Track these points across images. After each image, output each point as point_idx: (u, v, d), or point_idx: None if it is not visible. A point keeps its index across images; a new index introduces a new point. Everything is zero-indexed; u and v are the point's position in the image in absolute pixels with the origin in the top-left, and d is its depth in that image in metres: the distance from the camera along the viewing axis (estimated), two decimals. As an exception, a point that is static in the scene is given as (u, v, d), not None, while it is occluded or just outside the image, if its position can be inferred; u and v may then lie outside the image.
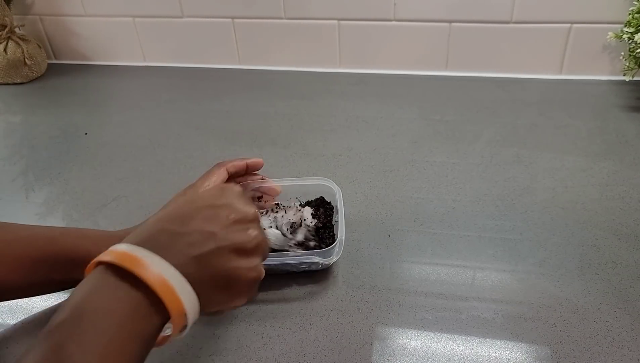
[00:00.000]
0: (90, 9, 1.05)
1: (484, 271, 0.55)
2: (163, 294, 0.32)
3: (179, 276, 0.33)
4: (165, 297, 0.32)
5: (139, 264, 0.32)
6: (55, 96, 1.00)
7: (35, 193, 0.72)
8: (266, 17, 0.98)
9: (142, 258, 0.33)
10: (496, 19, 0.91)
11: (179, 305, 0.33)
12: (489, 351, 0.47)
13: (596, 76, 0.93)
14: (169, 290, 0.32)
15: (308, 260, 0.52)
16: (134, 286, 0.32)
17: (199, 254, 0.35)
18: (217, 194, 0.39)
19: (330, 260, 0.53)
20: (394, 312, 0.51)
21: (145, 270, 0.32)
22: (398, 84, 0.96)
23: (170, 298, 0.32)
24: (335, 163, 0.74)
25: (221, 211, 0.37)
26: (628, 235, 0.59)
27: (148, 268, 0.32)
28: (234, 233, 0.37)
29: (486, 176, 0.70)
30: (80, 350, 0.29)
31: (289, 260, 0.52)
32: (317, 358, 0.47)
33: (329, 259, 0.53)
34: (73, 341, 0.29)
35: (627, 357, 0.46)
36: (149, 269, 0.32)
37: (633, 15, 0.80)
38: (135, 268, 0.32)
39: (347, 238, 0.60)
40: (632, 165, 0.70)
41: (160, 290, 0.32)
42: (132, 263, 0.32)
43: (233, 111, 0.90)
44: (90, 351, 0.29)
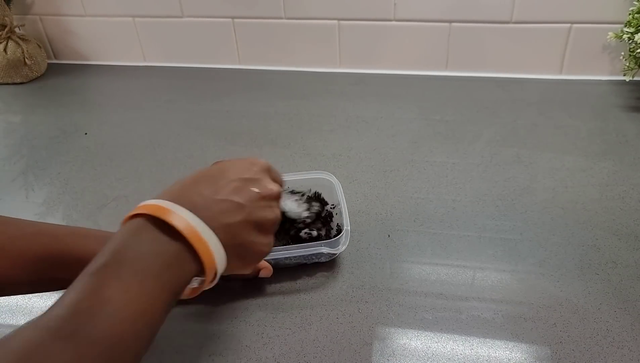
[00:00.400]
0: (90, 9, 1.05)
1: (484, 271, 0.55)
2: (196, 245, 0.34)
3: (209, 231, 0.35)
4: (197, 246, 0.34)
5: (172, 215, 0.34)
6: (55, 95, 1.00)
7: (35, 193, 0.72)
8: (266, 17, 0.98)
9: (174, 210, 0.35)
10: (496, 19, 0.91)
11: (211, 258, 0.35)
12: (489, 351, 0.47)
13: (596, 76, 0.93)
14: (200, 240, 0.35)
15: (316, 251, 0.53)
16: (170, 238, 0.34)
17: (228, 222, 0.37)
18: (247, 167, 0.41)
19: (338, 250, 0.54)
20: (394, 312, 0.51)
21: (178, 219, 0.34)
22: (398, 84, 0.96)
23: (202, 247, 0.35)
24: (335, 163, 0.74)
25: (250, 184, 0.40)
26: (628, 235, 0.59)
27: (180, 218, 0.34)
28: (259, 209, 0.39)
29: (486, 176, 0.70)
30: (120, 292, 0.31)
31: (298, 252, 0.54)
32: (317, 358, 0.47)
33: (337, 249, 0.54)
34: (113, 284, 0.31)
35: (627, 357, 0.46)
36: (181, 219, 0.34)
37: (633, 15, 0.80)
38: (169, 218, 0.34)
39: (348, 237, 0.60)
40: (632, 165, 0.70)
41: (193, 240, 0.34)
42: (166, 214, 0.34)
43: (233, 111, 0.90)
44: (128, 295, 0.31)
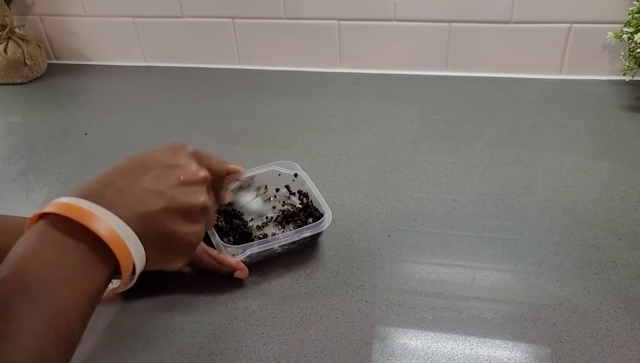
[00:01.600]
0: (90, 9, 1.05)
1: (484, 271, 0.55)
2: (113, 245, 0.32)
3: (127, 228, 0.33)
4: (116, 248, 0.32)
5: (86, 215, 0.31)
6: (55, 96, 1.00)
7: (35, 193, 0.72)
8: (266, 17, 0.98)
9: (89, 209, 0.32)
10: (496, 19, 0.91)
11: (128, 256, 0.33)
12: (489, 351, 0.47)
13: (596, 76, 0.93)
14: (119, 242, 0.32)
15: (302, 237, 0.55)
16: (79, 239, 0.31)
17: (146, 212, 0.34)
18: (169, 153, 0.39)
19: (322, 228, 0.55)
20: (394, 312, 0.51)
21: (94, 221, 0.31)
22: (398, 84, 0.96)
23: (120, 249, 0.32)
24: (335, 163, 0.74)
25: (171, 171, 0.37)
26: (628, 235, 0.59)
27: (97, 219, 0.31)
28: (182, 194, 0.36)
29: (486, 176, 0.70)
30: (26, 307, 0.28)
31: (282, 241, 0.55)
32: (317, 358, 0.47)
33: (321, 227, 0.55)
34: (18, 300, 0.28)
35: (627, 357, 0.46)
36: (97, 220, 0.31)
37: (633, 15, 0.80)
38: (83, 220, 0.31)
39: (348, 238, 0.60)
40: (632, 165, 0.70)
41: (110, 241, 0.32)
42: (79, 215, 0.31)
43: (233, 111, 0.90)
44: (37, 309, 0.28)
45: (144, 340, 0.50)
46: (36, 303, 0.29)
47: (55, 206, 0.32)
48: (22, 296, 0.28)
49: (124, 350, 0.49)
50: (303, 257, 0.58)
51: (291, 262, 0.58)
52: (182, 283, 0.56)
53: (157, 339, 0.50)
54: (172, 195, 0.36)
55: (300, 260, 0.58)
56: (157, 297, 0.54)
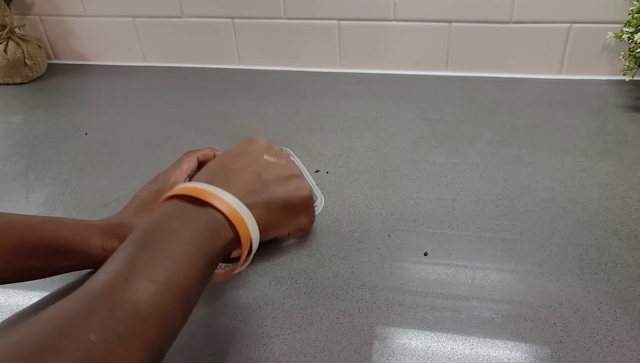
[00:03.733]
0: (90, 9, 1.05)
1: (484, 271, 0.55)
2: (233, 219, 0.37)
3: (241, 205, 0.39)
4: (235, 221, 0.37)
5: (209, 195, 0.38)
6: (55, 96, 1.00)
7: (35, 193, 0.72)
8: (266, 17, 0.98)
9: (210, 190, 0.38)
10: (496, 19, 0.91)
11: (245, 229, 0.38)
12: (489, 351, 0.47)
13: (596, 76, 0.93)
14: (237, 216, 0.38)
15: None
16: (199, 213, 0.37)
17: (251, 189, 0.41)
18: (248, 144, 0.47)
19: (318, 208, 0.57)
20: (394, 312, 0.51)
21: (215, 199, 0.37)
22: (398, 84, 0.96)
23: (238, 222, 0.38)
24: (335, 163, 0.74)
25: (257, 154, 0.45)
26: (628, 235, 0.59)
27: (217, 197, 0.38)
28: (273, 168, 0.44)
29: (486, 176, 0.70)
30: (149, 259, 0.33)
31: None
32: (317, 358, 0.47)
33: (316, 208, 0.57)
34: (143, 252, 0.33)
35: (627, 356, 0.46)
36: (218, 199, 0.38)
37: (633, 15, 0.80)
38: (205, 197, 0.37)
39: (348, 238, 0.60)
40: (632, 165, 0.70)
41: (230, 215, 0.37)
42: (203, 195, 0.37)
43: (233, 111, 0.90)
44: (157, 261, 0.33)
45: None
46: (159, 256, 0.33)
47: (180, 189, 0.38)
48: (147, 250, 0.33)
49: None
50: (303, 257, 0.58)
51: (291, 262, 0.58)
52: (182, 283, 0.56)
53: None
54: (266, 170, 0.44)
55: (300, 259, 0.58)
56: (157, 297, 0.54)
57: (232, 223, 0.37)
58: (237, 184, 0.40)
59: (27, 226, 0.48)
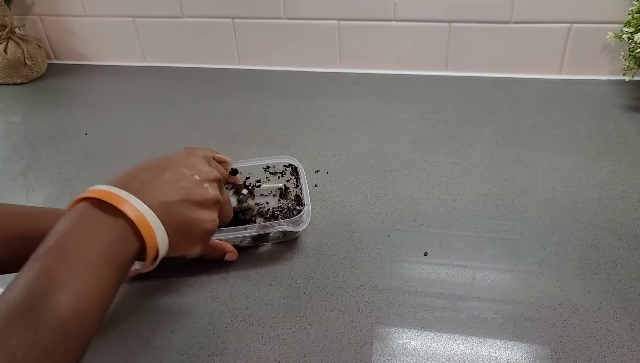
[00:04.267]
0: (90, 9, 1.05)
1: (483, 271, 0.55)
2: (141, 227, 0.37)
3: (152, 214, 0.38)
4: (143, 229, 0.37)
5: (119, 200, 0.37)
6: (55, 96, 1.00)
7: (35, 193, 0.72)
8: (266, 17, 0.98)
9: (121, 195, 0.37)
10: (496, 19, 0.91)
11: (153, 238, 0.38)
12: (489, 351, 0.47)
13: (596, 76, 0.93)
14: (146, 224, 0.37)
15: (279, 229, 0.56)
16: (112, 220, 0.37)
17: (167, 201, 0.40)
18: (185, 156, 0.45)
19: (299, 227, 0.56)
20: (394, 312, 0.51)
21: (125, 205, 0.37)
22: (398, 84, 0.96)
23: (146, 231, 0.37)
24: (335, 163, 0.74)
25: (188, 170, 0.43)
26: (628, 235, 0.59)
27: (128, 204, 0.37)
28: (197, 189, 0.43)
29: (486, 176, 0.70)
30: (67, 271, 0.33)
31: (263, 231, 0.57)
32: (317, 358, 0.47)
33: (298, 227, 0.56)
34: (60, 264, 0.33)
35: (627, 356, 0.46)
36: (128, 205, 0.37)
37: (633, 15, 0.80)
38: (116, 203, 0.37)
39: (348, 238, 0.60)
40: (632, 165, 0.70)
41: (138, 223, 0.37)
42: (113, 199, 0.37)
43: (233, 111, 0.90)
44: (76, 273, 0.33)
45: (144, 340, 0.50)
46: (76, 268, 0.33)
47: (92, 192, 0.38)
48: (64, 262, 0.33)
49: (124, 350, 0.49)
50: (303, 257, 0.58)
51: (291, 262, 0.58)
52: (182, 283, 0.56)
53: (157, 339, 0.50)
54: (189, 189, 0.42)
55: (300, 259, 0.58)
56: (157, 297, 0.54)
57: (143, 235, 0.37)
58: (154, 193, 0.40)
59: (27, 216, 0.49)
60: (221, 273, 0.57)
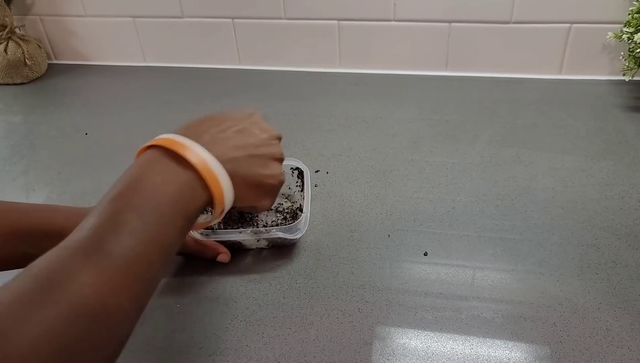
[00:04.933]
0: (90, 9, 1.05)
1: (483, 271, 0.55)
2: (207, 177, 0.37)
3: (219, 166, 0.38)
4: (209, 180, 0.37)
5: (185, 149, 0.37)
6: (55, 96, 1.00)
7: (35, 193, 0.72)
8: (266, 17, 0.98)
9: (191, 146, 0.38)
10: (496, 19, 0.91)
11: (219, 190, 0.38)
12: (489, 351, 0.47)
13: (596, 76, 0.93)
14: (212, 175, 0.38)
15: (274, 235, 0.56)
16: (182, 169, 0.37)
17: (236, 156, 0.41)
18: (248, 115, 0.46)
19: (295, 235, 0.56)
20: (394, 312, 0.51)
21: (192, 154, 0.37)
22: (398, 84, 0.96)
23: (213, 182, 0.38)
24: (335, 162, 0.74)
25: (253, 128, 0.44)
26: (628, 235, 0.59)
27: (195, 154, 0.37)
28: (264, 146, 0.44)
29: (486, 176, 0.70)
30: (137, 217, 0.33)
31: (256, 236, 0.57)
32: (317, 358, 0.47)
33: (294, 234, 0.56)
34: (131, 210, 0.33)
35: (627, 356, 0.46)
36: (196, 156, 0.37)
37: (633, 15, 0.80)
38: (183, 151, 0.37)
39: (348, 238, 0.61)
40: (632, 165, 0.70)
41: (205, 173, 0.37)
42: (179, 148, 0.37)
43: (233, 111, 0.90)
44: (145, 220, 0.33)
45: (144, 340, 0.50)
46: (145, 216, 0.34)
47: (162, 140, 0.38)
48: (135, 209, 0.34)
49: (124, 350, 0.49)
50: (303, 257, 0.58)
51: (291, 262, 0.58)
52: (182, 283, 0.56)
53: (157, 339, 0.50)
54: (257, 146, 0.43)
55: (300, 259, 0.58)
56: (157, 297, 0.54)
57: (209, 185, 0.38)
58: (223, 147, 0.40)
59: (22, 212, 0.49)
60: (221, 273, 0.57)
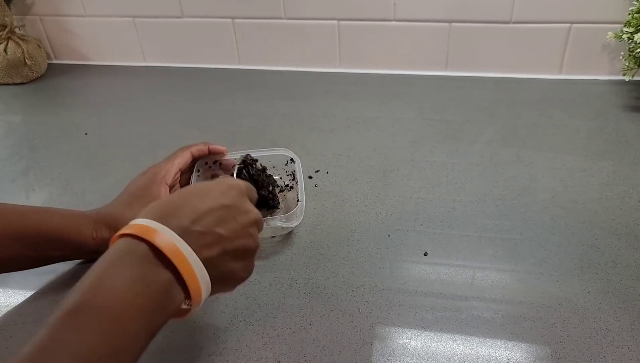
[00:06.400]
0: (90, 9, 1.05)
1: (484, 271, 0.55)
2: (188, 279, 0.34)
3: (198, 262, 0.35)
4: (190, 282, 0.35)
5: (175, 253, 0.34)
6: (55, 96, 1.00)
7: (35, 193, 0.72)
8: (266, 17, 0.98)
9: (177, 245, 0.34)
10: (496, 19, 0.91)
11: (198, 288, 0.35)
12: (489, 351, 0.47)
13: (596, 76, 0.93)
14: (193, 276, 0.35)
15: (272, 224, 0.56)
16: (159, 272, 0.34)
17: (209, 256, 0.37)
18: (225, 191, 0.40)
19: (292, 223, 0.57)
20: (394, 312, 0.51)
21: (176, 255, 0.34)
22: (398, 84, 0.96)
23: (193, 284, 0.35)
24: (335, 163, 0.74)
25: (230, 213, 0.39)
26: (628, 235, 0.59)
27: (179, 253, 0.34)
28: (239, 238, 0.39)
29: (486, 176, 0.70)
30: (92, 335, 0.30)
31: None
32: (317, 358, 0.47)
33: (291, 222, 0.56)
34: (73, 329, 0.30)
35: (627, 356, 0.46)
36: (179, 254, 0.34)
37: (633, 15, 0.80)
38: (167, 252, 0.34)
39: (348, 238, 0.61)
40: (632, 165, 0.70)
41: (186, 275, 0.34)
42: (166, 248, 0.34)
43: (233, 111, 0.90)
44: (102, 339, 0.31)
45: (144, 340, 0.50)
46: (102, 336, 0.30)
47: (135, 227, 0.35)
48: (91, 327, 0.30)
49: (124, 350, 0.49)
50: (303, 257, 0.58)
51: (291, 262, 0.58)
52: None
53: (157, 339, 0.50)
54: (232, 239, 0.39)
55: (300, 259, 0.58)
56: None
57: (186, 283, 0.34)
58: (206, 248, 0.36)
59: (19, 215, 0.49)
60: (221, 273, 0.57)
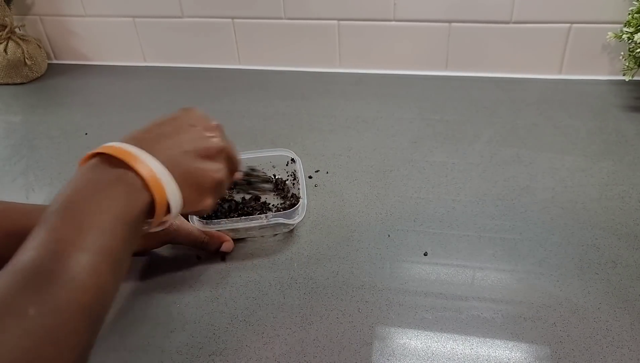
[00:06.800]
0: (90, 9, 1.05)
1: (483, 271, 0.55)
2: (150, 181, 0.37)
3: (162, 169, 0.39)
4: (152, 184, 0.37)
5: (134, 159, 0.38)
6: (55, 96, 1.00)
7: (35, 193, 0.72)
8: (266, 17, 0.98)
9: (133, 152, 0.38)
10: (496, 19, 0.91)
11: (162, 192, 0.38)
12: (489, 351, 0.47)
13: (596, 76, 0.93)
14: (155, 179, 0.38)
15: (274, 221, 0.57)
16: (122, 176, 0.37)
17: (173, 154, 0.41)
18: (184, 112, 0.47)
19: (294, 220, 0.58)
20: (394, 312, 0.51)
21: (137, 162, 0.37)
22: (398, 84, 0.96)
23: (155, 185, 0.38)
24: (335, 163, 0.74)
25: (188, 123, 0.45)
26: (628, 235, 0.59)
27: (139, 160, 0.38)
28: (199, 140, 0.43)
29: (486, 176, 0.70)
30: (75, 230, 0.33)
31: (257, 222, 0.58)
32: (317, 358, 0.47)
33: (293, 220, 0.58)
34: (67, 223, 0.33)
35: (626, 356, 0.46)
36: (139, 161, 0.38)
37: (633, 15, 0.80)
38: (130, 162, 0.37)
39: (348, 238, 0.61)
40: (632, 165, 0.70)
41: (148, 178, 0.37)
42: (127, 157, 0.37)
43: (233, 111, 0.90)
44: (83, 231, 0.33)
45: (144, 340, 0.50)
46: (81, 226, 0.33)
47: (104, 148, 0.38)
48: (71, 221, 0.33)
49: (124, 350, 0.49)
50: (303, 257, 0.58)
51: (291, 262, 0.58)
52: (182, 283, 0.56)
53: (157, 339, 0.50)
54: (193, 141, 0.43)
55: (300, 259, 0.58)
56: (157, 297, 0.55)
57: (150, 188, 0.37)
58: (162, 149, 0.40)
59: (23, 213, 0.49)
60: (221, 273, 0.57)
